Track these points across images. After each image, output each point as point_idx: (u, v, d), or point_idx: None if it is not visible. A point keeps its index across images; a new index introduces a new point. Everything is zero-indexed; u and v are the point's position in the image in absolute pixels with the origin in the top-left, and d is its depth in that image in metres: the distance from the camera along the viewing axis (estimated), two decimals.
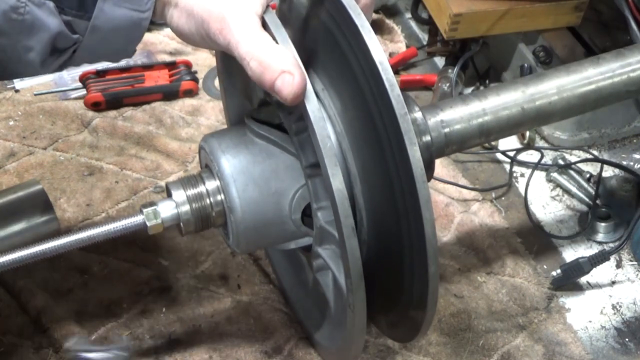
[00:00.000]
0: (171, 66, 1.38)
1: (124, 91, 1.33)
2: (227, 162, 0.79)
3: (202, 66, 1.42)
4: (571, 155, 1.30)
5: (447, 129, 0.82)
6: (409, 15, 1.57)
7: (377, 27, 1.52)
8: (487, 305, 1.07)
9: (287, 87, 0.67)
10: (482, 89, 1.30)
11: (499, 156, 1.30)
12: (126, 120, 1.31)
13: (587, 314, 1.08)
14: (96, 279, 1.04)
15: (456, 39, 1.33)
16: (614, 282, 1.12)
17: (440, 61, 1.46)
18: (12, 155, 1.22)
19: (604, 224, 1.18)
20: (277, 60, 0.67)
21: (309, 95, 0.68)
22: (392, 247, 0.75)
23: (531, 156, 1.30)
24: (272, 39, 0.69)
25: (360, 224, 0.76)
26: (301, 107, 0.68)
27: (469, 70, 1.40)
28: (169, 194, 0.80)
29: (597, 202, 1.20)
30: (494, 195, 1.24)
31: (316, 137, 0.67)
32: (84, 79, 1.33)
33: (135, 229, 0.78)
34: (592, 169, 1.26)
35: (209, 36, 0.71)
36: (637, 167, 1.25)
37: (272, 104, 0.81)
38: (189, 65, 1.39)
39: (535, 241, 1.17)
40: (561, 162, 1.27)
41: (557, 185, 1.26)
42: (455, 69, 1.34)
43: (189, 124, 1.31)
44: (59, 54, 0.75)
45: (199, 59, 1.43)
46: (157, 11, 0.75)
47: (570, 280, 1.09)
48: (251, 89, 0.87)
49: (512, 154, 1.29)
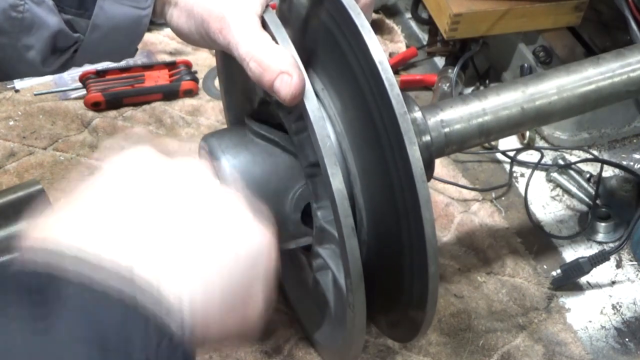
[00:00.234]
0: (171, 66, 1.38)
1: (124, 91, 1.33)
2: (227, 162, 0.79)
3: (202, 66, 1.42)
4: (571, 155, 1.30)
5: (447, 129, 0.82)
6: (409, 15, 1.56)
7: (377, 27, 1.52)
8: (487, 305, 1.07)
9: (285, 87, 0.67)
10: (482, 89, 1.30)
11: (499, 156, 1.30)
12: (126, 120, 1.31)
13: (587, 314, 1.08)
14: None
15: (456, 39, 1.33)
16: (614, 282, 1.12)
17: (440, 61, 1.46)
18: (12, 155, 1.22)
19: (604, 224, 1.18)
20: (276, 60, 0.67)
21: (308, 95, 0.68)
22: (392, 247, 0.74)
23: (531, 156, 1.30)
24: (272, 39, 0.69)
25: (360, 224, 0.76)
26: (301, 106, 0.68)
27: (469, 70, 1.40)
28: None
29: (597, 202, 1.20)
30: (494, 195, 1.24)
31: (316, 136, 0.67)
32: (84, 79, 1.33)
33: None
34: (592, 169, 1.26)
35: (209, 36, 0.71)
36: (637, 167, 1.25)
37: (272, 103, 0.81)
38: (189, 65, 1.39)
39: (535, 241, 1.17)
40: (561, 162, 1.27)
41: (557, 185, 1.26)
42: (455, 69, 1.34)
43: (189, 124, 1.31)
44: (60, 53, 0.75)
45: (199, 59, 1.43)
46: (157, 10, 0.75)
47: (570, 280, 1.09)
48: (251, 89, 0.87)
49: (512, 154, 1.29)
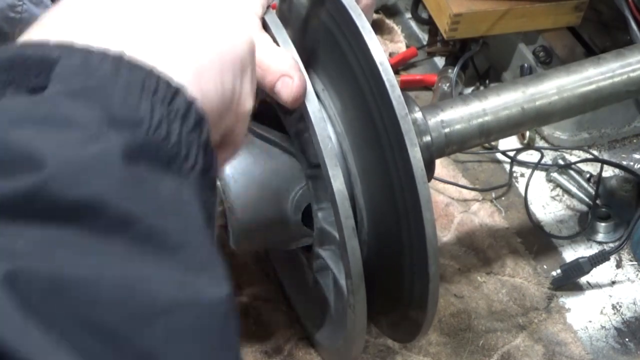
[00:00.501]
0: None
1: None
2: None
3: None
4: (571, 155, 1.30)
5: (448, 129, 0.82)
6: (409, 15, 1.56)
7: (377, 27, 1.51)
8: (487, 305, 1.07)
9: (287, 90, 0.67)
10: (482, 89, 1.30)
11: (499, 156, 1.30)
12: None
13: (587, 314, 1.08)
14: None
15: (456, 39, 1.33)
16: (614, 282, 1.12)
17: (440, 61, 1.46)
18: None
19: (604, 224, 1.18)
20: (277, 63, 0.67)
21: (309, 96, 0.68)
22: (392, 247, 0.75)
23: (531, 156, 1.30)
24: (273, 40, 0.69)
25: (360, 225, 0.76)
26: (302, 107, 0.68)
27: (469, 70, 1.40)
28: None
29: (597, 202, 1.19)
30: (494, 195, 1.24)
31: (317, 137, 0.67)
32: None
33: None
34: (592, 169, 1.26)
35: None
36: (637, 167, 1.25)
37: (272, 104, 0.81)
38: None
39: (535, 241, 1.17)
40: (561, 162, 1.27)
41: (557, 185, 1.25)
42: (455, 69, 1.34)
43: None
44: None
45: None
46: None
47: (570, 280, 1.09)
48: None
49: (512, 154, 1.29)
